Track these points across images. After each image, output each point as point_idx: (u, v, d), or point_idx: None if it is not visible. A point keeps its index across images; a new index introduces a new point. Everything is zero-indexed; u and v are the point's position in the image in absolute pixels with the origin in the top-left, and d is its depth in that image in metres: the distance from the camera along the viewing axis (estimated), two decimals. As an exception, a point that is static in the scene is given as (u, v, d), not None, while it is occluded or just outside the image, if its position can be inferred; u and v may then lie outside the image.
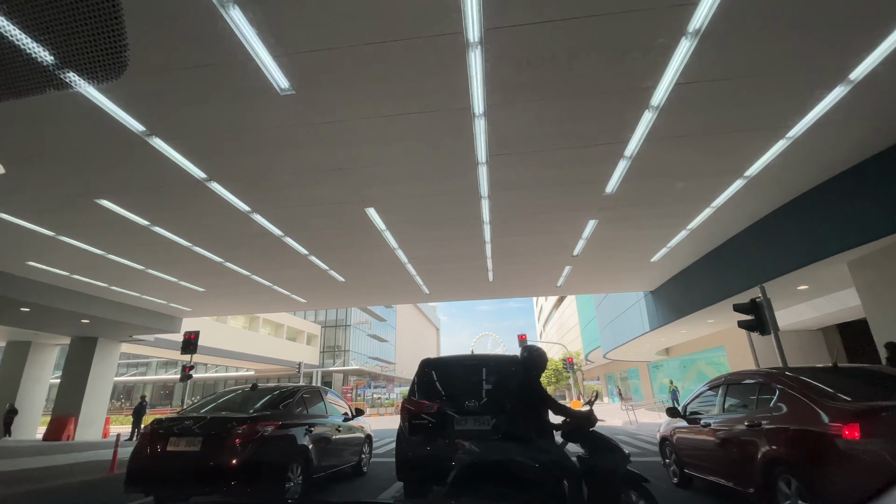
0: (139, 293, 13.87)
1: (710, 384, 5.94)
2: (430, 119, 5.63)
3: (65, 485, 7.36)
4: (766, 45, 4.53)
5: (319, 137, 5.93)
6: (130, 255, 10.35)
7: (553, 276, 13.71)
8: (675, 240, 10.42)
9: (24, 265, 10.73)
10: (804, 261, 8.25)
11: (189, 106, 5.19)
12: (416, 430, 5.18)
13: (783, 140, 6.24)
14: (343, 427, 7.18)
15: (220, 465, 4.86)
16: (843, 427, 3.43)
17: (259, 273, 12.21)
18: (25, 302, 12.07)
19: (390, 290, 15.31)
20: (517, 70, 4.81)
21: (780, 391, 4.35)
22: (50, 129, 5.49)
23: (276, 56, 4.44)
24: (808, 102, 5.47)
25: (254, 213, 8.21)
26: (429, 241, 10.27)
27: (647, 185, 7.57)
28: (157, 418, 5.65)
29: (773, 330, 7.45)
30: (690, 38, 4.35)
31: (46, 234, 8.75)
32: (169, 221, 8.54)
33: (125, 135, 5.57)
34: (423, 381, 5.64)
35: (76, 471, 8.76)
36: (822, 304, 12.99)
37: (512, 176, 7.19)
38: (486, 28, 4.20)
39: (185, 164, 6.36)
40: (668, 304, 15.09)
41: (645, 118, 5.64)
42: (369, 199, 7.94)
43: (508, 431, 4.98)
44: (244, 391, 6.45)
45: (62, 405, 17.18)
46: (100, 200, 7.42)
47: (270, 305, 17.48)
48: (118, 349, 19.22)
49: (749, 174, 7.20)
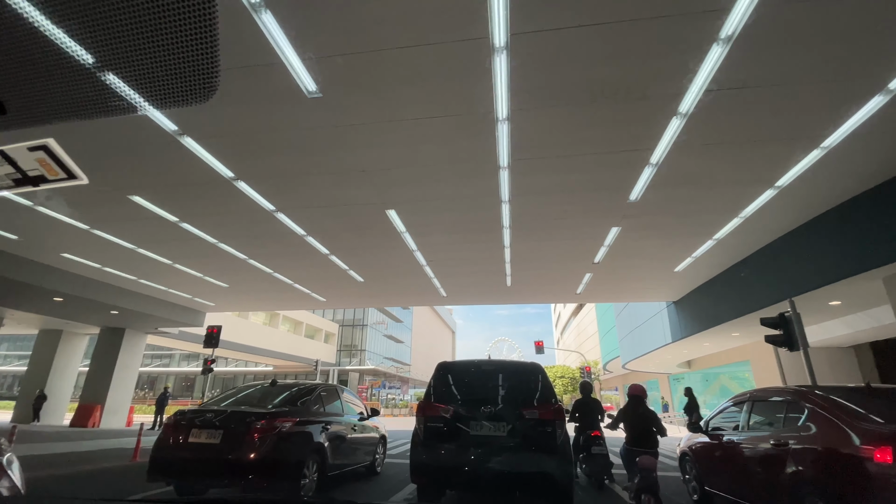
0: (166, 287, 14.30)
1: (735, 400, 5.77)
2: (453, 123, 5.65)
3: (89, 471, 7.62)
4: (800, 52, 4.40)
5: (344, 140, 6.02)
6: (159, 250, 10.68)
7: (573, 283, 13.55)
8: (701, 250, 10.17)
9: (59, 257, 11.19)
10: (837, 275, 7.94)
11: (219, 107, 5.34)
12: (432, 433, 5.18)
13: (818, 150, 6.04)
14: (358, 426, 7.23)
15: (238, 459, 4.95)
16: (875, 450, 3.30)
17: (281, 271, 12.43)
18: (59, 292, 12.57)
19: (408, 291, 15.39)
20: (542, 75, 4.79)
21: (810, 410, 4.19)
22: (89, 127, 5.71)
23: (305, 59, 4.53)
24: (844, 112, 5.28)
25: (278, 213, 8.38)
26: (448, 245, 10.29)
27: (673, 193, 7.43)
28: (179, 410, 5.79)
29: (802, 346, 7.19)
30: (722, 45, 4.26)
31: (81, 228, 9.10)
32: (197, 218, 8.78)
33: (159, 134, 5.77)
34: (440, 385, 5.64)
35: (100, 457, 9.05)
36: (855, 320, 12.47)
37: (534, 181, 7.15)
38: (512, 33, 4.20)
39: (214, 163, 6.53)
40: (691, 315, 14.73)
41: (672, 125, 5.54)
42: (390, 202, 8.01)
43: (524, 438, 4.94)
44: (263, 386, 6.57)
45: (89, 393, 17.80)
46: (133, 196, 7.69)
47: (291, 303, 17.77)
48: (144, 340, 19.83)
49: (780, 184, 6.99)
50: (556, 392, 5.56)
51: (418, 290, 14.76)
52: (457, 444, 5.01)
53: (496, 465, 4.78)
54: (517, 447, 4.89)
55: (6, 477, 2.69)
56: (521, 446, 4.89)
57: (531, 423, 5.03)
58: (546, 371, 5.79)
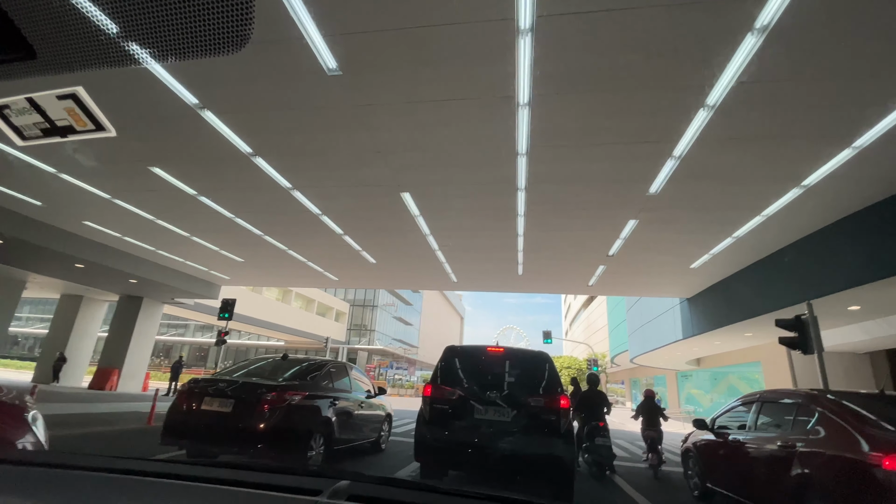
0: (183, 259, 14.58)
1: (744, 399, 5.73)
2: (473, 106, 5.57)
3: (106, 431, 7.92)
4: (837, 47, 4.21)
5: (362, 120, 5.99)
6: (177, 222, 10.87)
7: (585, 274, 13.45)
8: (719, 247, 9.98)
9: (80, 224, 11.47)
10: (861, 279, 7.73)
11: (240, 82, 5.34)
12: (437, 414, 5.25)
13: (849, 149, 5.82)
14: (365, 404, 7.37)
15: (248, 428, 5.10)
16: (885, 457, 3.25)
17: (295, 248, 12.57)
18: (80, 259, 12.93)
19: (419, 275, 15.45)
20: (567, 60, 4.67)
21: (820, 414, 4.14)
22: (113, 96, 5.77)
23: (327, 36, 4.49)
24: (879, 111, 5.07)
25: (294, 190, 8.43)
26: (461, 230, 10.26)
27: (694, 187, 7.26)
28: (193, 378, 5.96)
29: (817, 350, 7.07)
30: (757, 35, 4.10)
31: (103, 197, 9.28)
32: (215, 192, 8.89)
33: (180, 107, 5.80)
34: (447, 367, 5.70)
35: (117, 419, 9.40)
36: (873, 327, 12.18)
37: (552, 169, 7.05)
38: (538, 15, 4.09)
39: (234, 137, 6.57)
40: (704, 313, 14.54)
41: (699, 117, 5.39)
42: (406, 184, 7.99)
43: (527, 424, 4.99)
44: (275, 360, 6.71)
45: (107, 357, 18.42)
46: (153, 168, 7.80)
47: (304, 280, 18.00)
48: (160, 310, 20.36)
49: (807, 184, 6.78)
50: (562, 382, 5.58)
51: (429, 273, 14.81)
52: (461, 425, 5.08)
53: (499, 448, 4.84)
54: (520, 432, 4.94)
55: (31, 433, 2.82)
56: (524, 432, 4.94)
57: (536, 411, 5.07)
58: (553, 361, 5.80)
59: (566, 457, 4.93)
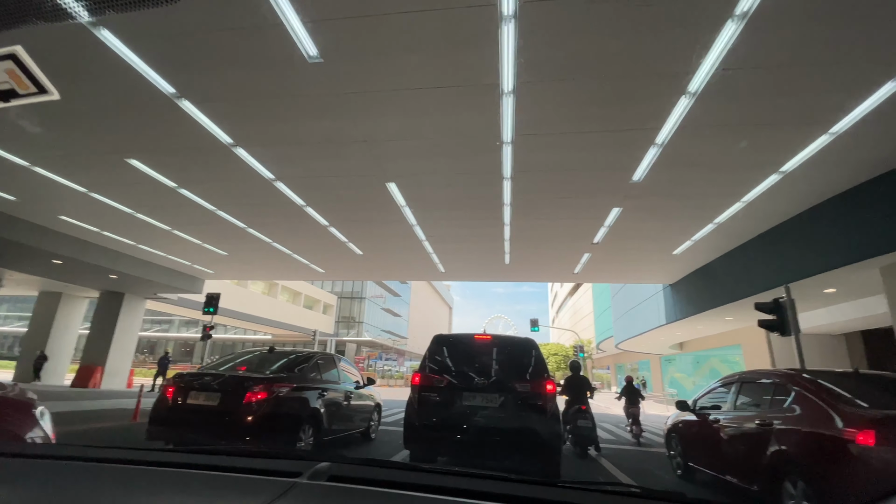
0: (165, 253, 14.31)
1: (724, 381, 5.88)
2: (457, 94, 5.53)
3: (90, 429, 7.80)
4: (816, 33, 4.28)
5: (345, 108, 5.90)
6: (158, 216, 10.63)
7: (571, 262, 13.59)
8: (701, 233, 10.16)
9: (56, 219, 11.15)
10: (836, 263, 7.96)
11: (218, 69, 5.21)
12: (426, 401, 5.29)
13: (826, 135, 5.95)
14: (354, 394, 7.38)
15: (235, 421, 5.07)
16: (858, 433, 3.38)
17: (280, 241, 12.42)
18: (57, 254, 12.59)
19: (406, 265, 15.43)
20: (550, 47, 4.66)
21: (796, 393, 4.28)
22: (84, 86, 5.58)
23: (306, 22, 4.39)
24: (855, 97, 5.18)
25: (277, 181, 8.30)
26: (447, 220, 10.25)
27: (677, 174, 7.36)
28: (179, 373, 5.89)
29: (794, 332, 7.27)
30: (737, 21, 4.14)
31: (79, 191, 9.03)
32: (195, 184, 8.71)
33: (156, 96, 5.64)
34: (435, 356, 5.73)
35: (102, 417, 9.26)
36: (848, 309, 12.60)
37: (537, 157, 7.07)
38: (522, 1, 4.07)
39: (213, 127, 6.43)
40: (686, 298, 14.84)
41: (680, 104, 5.44)
42: (391, 174, 7.93)
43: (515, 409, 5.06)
44: (262, 353, 6.66)
45: (90, 355, 18.07)
46: (130, 160, 7.59)
47: (290, 273, 17.83)
48: (143, 305, 19.99)
49: (786, 169, 6.92)
50: (549, 368, 5.66)
51: (417, 264, 14.80)
52: (450, 412, 5.13)
53: (487, 432, 4.90)
54: (508, 417, 5.01)
55: (38, 427, 2.92)
56: (512, 416, 5.01)
57: (523, 396, 5.14)
58: (540, 347, 5.88)
59: (553, 438, 5.02)
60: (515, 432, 4.92)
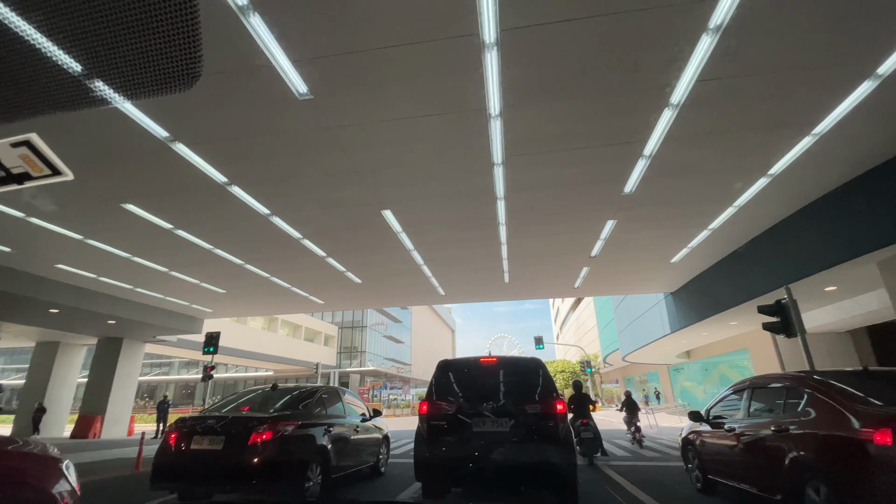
0: (163, 294, 14.22)
1: (735, 388, 5.80)
2: (446, 121, 5.64)
3: (92, 482, 7.57)
4: (789, 39, 4.42)
5: (337, 141, 6.00)
6: (155, 258, 10.62)
7: (570, 277, 13.58)
8: (697, 240, 10.22)
9: (53, 268, 11.11)
10: (832, 261, 7.99)
11: (210, 111, 5.31)
12: (435, 431, 5.18)
13: (809, 137, 6.07)
14: (361, 427, 7.22)
15: (241, 464, 4.93)
16: (875, 432, 3.32)
17: (278, 275, 12.39)
18: (54, 303, 12.49)
19: (406, 291, 15.38)
20: (533, 70, 4.79)
21: (809, 395, 4.22)
22: (78, 135, 5.67)
23: (295, 61, 4.51)
24: (834, 98, 5.31)
25: (273, 216, 8.34)
26: (445, 243, 10.28)
27: (667, 184, 7.45)
28: (181, 417, 5.76)
29: (799, 332, 7.23)
30: (711, 35, 4.27)
31: (75, 238, 9.03)
32: (191, 225, 8.74)
33: (149, 140, 5.73)
34: (441, 383, 5.64)
35: (103, 468, 9.00)
36: (851, 305, 12.56)
37: (528, 177, 7.15)
38: (502, 29, 4.19)
39: (207, 168, 6.50)
40: (689, 305, 14.79)
41: (665, 116, 5.56)
42: (386, 202, 7.99)
43: (527, 432, 4.96)
44: (264, 391, 6.54)
45: (89, 404, 17.69)
46: (125, 205, 7.64)
47: (289, 306, 17.73)
48: (142, 349, 19.72)
49: (773, 172, 7.02)
50: (556, 386, 5.57)
51: (417, 289, 14.75)
52: (460, 440, 5.01)
53: (500, 459, 4.78)
54: (520, 441, 4.90)
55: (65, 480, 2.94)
56: (524, 440, 4.90)
57: (533, 418, 5.04)
58: (546, 366, 5.80)
59: (567, 461, 4.90)
60: (527, 457, 4.81)
